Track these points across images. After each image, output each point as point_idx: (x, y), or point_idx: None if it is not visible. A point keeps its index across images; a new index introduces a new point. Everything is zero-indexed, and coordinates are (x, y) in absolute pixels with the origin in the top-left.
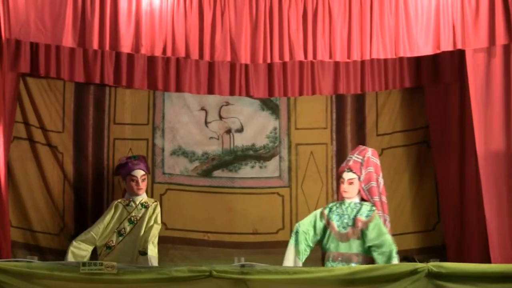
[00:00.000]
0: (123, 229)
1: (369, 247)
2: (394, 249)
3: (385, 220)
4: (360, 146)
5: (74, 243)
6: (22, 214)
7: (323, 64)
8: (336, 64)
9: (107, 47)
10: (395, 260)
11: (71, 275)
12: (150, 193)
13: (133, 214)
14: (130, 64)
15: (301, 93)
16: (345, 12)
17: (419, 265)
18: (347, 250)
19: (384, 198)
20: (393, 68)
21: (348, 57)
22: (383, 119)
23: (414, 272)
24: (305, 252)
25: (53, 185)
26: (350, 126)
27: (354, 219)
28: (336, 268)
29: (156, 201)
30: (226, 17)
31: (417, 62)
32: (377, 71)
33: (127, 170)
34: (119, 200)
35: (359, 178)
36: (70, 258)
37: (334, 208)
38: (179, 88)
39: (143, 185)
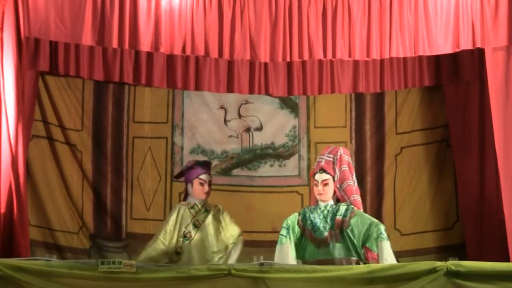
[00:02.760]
0: (188, 233)
1: (362, 244)
2: (382, 228)
3: None
4: (330, 145)
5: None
6: (41, 212)
7: (343, 62)
8: (356, 62)
9: (126, 46)
10: (385, 241)
11: (90, 273)
12: (169, 191)
13: (197, 218)
14: (150, 63)
15: (320, 92)
16: (364, 11)
17: (437, 263)
18: (327, 256)
19: (359, 198)
20: (412, 67)
21: (368, 56)
22: (402, 118)
23: (432, 270)
24: (295, 249)
25: (72, 183)
26: (369, 124)
27: (333, 221)
28: (355, 267)
29: (218, 205)
30: (245, 16)
31: (437, 61)
32: (396, 70)
33: (196, 173)
34: (182, 203)
35: (333, 178)
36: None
37: (309, 213)
38: (198, 87)
39: (209, 190)
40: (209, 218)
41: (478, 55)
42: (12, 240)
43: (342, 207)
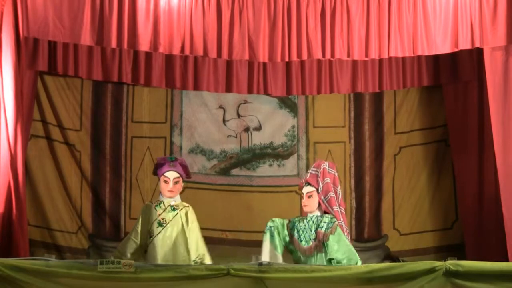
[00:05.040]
0: (151, 231)
1: (330, 259)
2: (359, 261)
3: (345, 230)
4: (317, 159)
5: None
6: (40, 212)
7: (341, 62)
8: (354, 62)
9: (125, 46)
10: None
11: (89, 273)
12: None
13: (162, 216)
14: (148, 63)
15: (319, 92)
16: (363, 11)
17: (436, 263)
18: (312, 264)
19: (343, 210)
20: (411, 67)
21: (366, 56)
22: (401, 118)
23: (431, 270)
24: (280, 246)
25: (71, 183)
26: (368, 124)
27: (316, 232)
28: (354, 267)
29: (188, 206)
30: (244, 16)
31: (435, 61)
32: (395, 70)
33: (162, 170)
34: (150, 201)
35: (317, 190)
36: None
37: (297, 223)
38: (197, 87)
39: (174, 188)
40: (176, 219)
41: (476, 54)
42: (11, 240)
43: (325, 220)
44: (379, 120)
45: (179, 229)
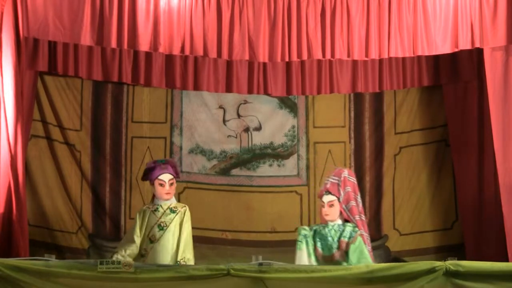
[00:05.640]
0: (153, 236)
1: None
2: None
3: (366, 239)
4: (336, 167)
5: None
6: (40, 212)
7: (341, 62)
8: (354, 62)
9: (125, 46)
10: None
11: (89, 273)
12: None
13: (162, 219)
14: (148, 63)
15: (319, 92)
16: (363, 11)
17: (436, 263)
18: None
19: (363, 217)
20: (411, 67)
21: (366, 56)
22: (401, 118)
23: (431, 270)
24: (313, 253)
25: (71, 183)
26: (368, 124)
27: (339, 242)
28: (354, 267)
29: (185, 206)
30: (244, 16)
31: (436, 61)
32: (395, 70)
33: (155, 174)
34: (147, 205)
35: (338, 199)
36: None
37: (318, 230)
38: (197, 87)
39: (171, 190)
40: (176, 220)
41: (476, 55)
42: (11, 240)
43: (348, 229)
44: (379, 120)
45: (175, 231)
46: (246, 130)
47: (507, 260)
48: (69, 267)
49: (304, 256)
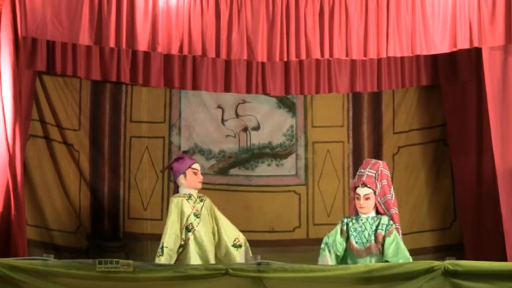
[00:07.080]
0: (190, 225)
1: (386, 261)
2: None
3: (399, 232)
4: (370, 159)
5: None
6: (38, 212)
7: (340, 62)
8: (353, 62)
9: (123, 45)
10: None
11: (88, 273)
12: (167, 191)
13: (196, 208)
14: (147, 62)
15: (317, 91)
16: (361, 10)
17: (435, 263)
18: None
19: (397, 210)
20: (409, 66)
21: (365, 55)
22: (399, 117)
23: (430, 270)
24: (337, 261)
25: (69, 183)
26: (366, 124)
27: (375, 234)
28: (352, 266)
29: (205, 195)
30: (242, 15)
31: (434, 60)
32: (393, 69)
33: (187, 163)
34: (178, 195)
35: (374, 192)
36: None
37: (351, 223)
38: (195, 86)
39: (200, 178)
40: (205, 208)
41: (475, 54)
42: (9, 240)
43: (383, 221)
44: (378, 120)
45: (207, 218)
46: (245, 129)
47: (505, 259)
48: (67, 266)
49: (328, 261)
